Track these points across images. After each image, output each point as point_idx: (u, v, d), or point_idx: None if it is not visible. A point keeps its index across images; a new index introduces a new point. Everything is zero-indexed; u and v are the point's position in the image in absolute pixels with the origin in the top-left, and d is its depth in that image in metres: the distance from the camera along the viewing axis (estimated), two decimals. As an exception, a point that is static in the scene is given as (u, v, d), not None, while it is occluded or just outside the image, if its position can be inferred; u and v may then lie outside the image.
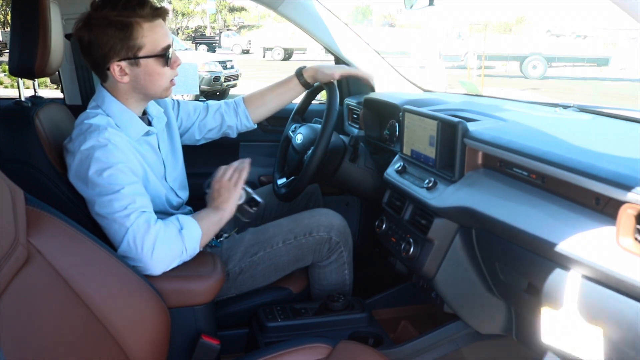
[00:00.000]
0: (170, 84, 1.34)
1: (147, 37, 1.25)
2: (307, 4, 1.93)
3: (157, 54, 1.27)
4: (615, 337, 0.89)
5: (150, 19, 1.24)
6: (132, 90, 1.31)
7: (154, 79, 1.29)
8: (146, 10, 1.23)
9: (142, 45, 1.25)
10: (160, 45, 1.27)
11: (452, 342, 1.50)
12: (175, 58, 1.31)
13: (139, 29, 1.23)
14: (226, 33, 26.40)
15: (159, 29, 1.27)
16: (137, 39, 1.24)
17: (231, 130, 1.69)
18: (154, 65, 1.28)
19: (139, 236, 1.15)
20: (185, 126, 1.63)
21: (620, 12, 0.73)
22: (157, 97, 1.38)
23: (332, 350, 1.12)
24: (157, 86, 1.31)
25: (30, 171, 1.27)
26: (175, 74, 1.34)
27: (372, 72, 1.63)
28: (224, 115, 1.66)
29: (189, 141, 1.66)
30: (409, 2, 1.74)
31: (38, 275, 0.85)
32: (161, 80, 1.30)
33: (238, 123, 1.68)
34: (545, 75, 16.23)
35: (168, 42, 1.29)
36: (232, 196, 1.35)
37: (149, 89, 1.31)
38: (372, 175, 1.72)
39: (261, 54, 22.26)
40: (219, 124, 1.66)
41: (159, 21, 1.27)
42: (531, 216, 1.03)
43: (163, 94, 1.35)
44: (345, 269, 1.62)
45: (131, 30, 1.23)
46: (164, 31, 1.28)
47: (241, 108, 1.67)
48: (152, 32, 1.25)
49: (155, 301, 1.05)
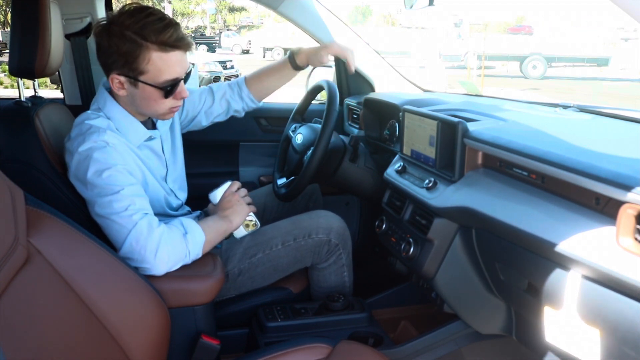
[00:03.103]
0: (169, 110, 1.29)
1: (152, 65, 1.19)
2: (307, 4, 1.93)
3: (156, 85, 1.22)
4: (615, 337, 0.89)
5: (164, 48, 1.19)
6: (130, 104, 1.29)
7: (149, 103, 1.26)
8: (163, 37, 1.17)
9: (145, 71, 1.20)
10: (163, 77, 1.21)
11: (452, 342, 1.50)
12: (180, 91, 1.26)
13: (147, 54, 1.18)
14: (226, 33, 26.39)
15: (170, 61, 1.20)
16: (141, 63, 1.18)
17: (238, 113, 1.71)
18: (152, 92, 1.23)
19: (142, 237, 1.15)
20: (192, 115, 1.63)
21: (620, 12, 0.73)
22: (154, 118, 1.35)
23: (332, 350, 1.12)
24: (153, 110, 1.28)
25: (30, 171, 1.27)
26: (178, 103, 1.29)
27: (349, 47, 1.63)
28: (230, 100, 1.67)
29: (195, 127, 1.66)
30: (409, 2, 1.74)
31: (38, 275, 0.85)
32: (157, 107, 1.27)
33: (244, 105, 1.70)
34: (545, 75, 16.23)
35: (175, 76, 1.22)
36: (243, 210, 1.39)
37: (145, 110, 1.29)
38: (372, 175, 1.72)
39: (261, 54, 22.26)
40: (226, 109, 1.68)
41: (174, 53, 1.20)
42: (531, 216, 1.03)
43: (160, 117, 1.32)
44: (344, 271, 1.62)
45: (139, 52, 1.17)
46: (175, 64, 1.21)
47: (245, 91, 1.68)
48: (160, 61, 1.19)
49: (155, 301, 1.05)
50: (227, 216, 1.37)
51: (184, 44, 1.22)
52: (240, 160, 2.15)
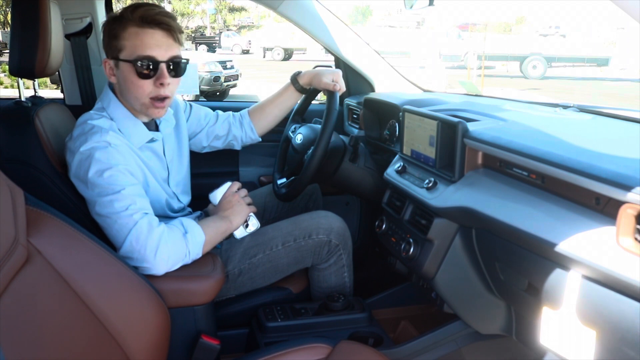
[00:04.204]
0: (149, 101, 1.27)
1: (129, 40, 1.23)
2: (307, 4, 1.93)
3: (130, 60, 1.23)
4: (615, 337, 0.89)
5: (139, 24, 1.23)
6: (120, 93, 1.31)
7: (130, 88, 1.27)
8: (142, 12, 1.22)
9: (122, 47, 1.25)
10: (136, 53, 1.23)
11: (452, 342, 1.50)
12: (160, 76, 1.24)
13: (124, 30, 1.23)
14: (226, 33, 26.39)
15: (146, 37, 1.23)
16: (120, 39, 1.24)
17: (236, 142, 1.73)
18: (129, 73, 1.25)
19: (142, 237, 1.15)
20: (194, 131, 1.64)
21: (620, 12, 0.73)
22: (140, 111, 1.32)
23: (332, 350, 1.12)
24: (134, 97, 1.28)
25: (30, 171, 1.27)
26: (158, 91, 1.26)
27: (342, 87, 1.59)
28: (231, 125, 1.70)
29: (195, 147, 1.68)
30: (409, 2, 1.74)
31: (38, 275, 0.85)
32: (137, 92, 1.26)
33: (243, 135, 1.71)
34: (545, 75, 16.23)
35: (150, 54, 1.23)
36: (243, 211, 1.40)
37: (129, 98, 1.30)
38: (372, 175, 1.72)
39: (261, 54, 22.26)
40: (226, 133, 1.70)
41: (152, 31, 1.23)
42: (531, 216, 1.03)
43: (141, 108, 1.30)
44: (344, 272, 1.62)
45: (119, 28, 1.24)
46: (151, 42, 1.23)
47: (246, 120, 1.71)
48: (136, 37, 1.23)
49: (155, 301, 1.05)
50: (227, 216, 1.37)
51: (164, 23, 1.24)
52: (240, 160, 2.15)
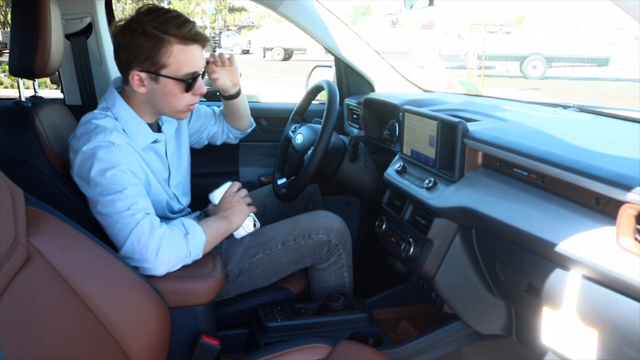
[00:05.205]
0: (186, 108, 1.32)
1: (174, 57, 1.23)
2: (307, 4, 1.93)
3: (178, 78, 1.25)
4: (615, 337, 0.89)
5: (184, 41, 1.23)
6: (147, 103, 1.31)
7: (169, 99, 1.28)
8: (184, 31, 1.22)
9: (167, 64, 1.23)
10: (183, 70, 1.25)
11: (452, 342, 1.50)
12: (199, 87, 1.29)
13: (169, 47, 1.22)
14: (226, 33, 26.37)
15: (190, 54, 1.24)
16: (163, 56, 1.22)
17: (231, 134, 1.74)
18: (173, 87, 1.26)
19: (144, 237, 1.15)
20: (196, 129, 1.65)
21: (620, 12, 0.73)
22: (170, 117, 1.37)
23: (332, 350, 1.12)
24: (171, 107, 1.30)
25: (30, 171, 1.27)
26: (195, 100, 1.32)
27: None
28: (224, 119, 1.72)
29: (197, 145, 1.69)
30: (409, 2, 1.74)
31: (38, 275, 0.85)
32: (176, 102, 1.29)
33: (226, 128, 1.74)
34: (545, 75, 16.22)
35: (195, 69, 1.26)
36: (243, 211, 1.40)
37: (163, 108, 1.31)
38: (372, 175, 1.72)
39: (261, 54, 22.27)
40: (222, 129, 1.72)
41: (194, 46, 1.25)
42: (531, 216, 1.03)
43: (176, 115, 1.35)
44: (344, 272, 1.62)
45: (160, 46, 1.21)
46: (195, 57, 1.26)
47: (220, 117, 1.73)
48: (182, 54, 1.23)
49: (155, 301, 1.05)
50: (228, 217, 1.37)
51: (202, 38, 1.26)
52: (240, 160, 2.15)
